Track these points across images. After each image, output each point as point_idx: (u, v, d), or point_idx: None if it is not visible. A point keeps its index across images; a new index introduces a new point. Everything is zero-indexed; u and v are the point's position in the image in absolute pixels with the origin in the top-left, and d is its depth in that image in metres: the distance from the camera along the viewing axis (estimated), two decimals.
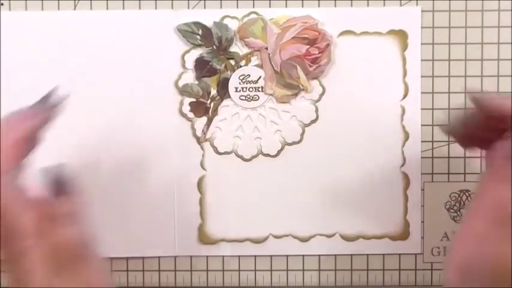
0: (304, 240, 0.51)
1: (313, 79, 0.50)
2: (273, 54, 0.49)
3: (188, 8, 0.50)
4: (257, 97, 0.50)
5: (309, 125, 0.50)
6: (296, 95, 0.50)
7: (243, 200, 0.51)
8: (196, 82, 0.50)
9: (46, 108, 0.38)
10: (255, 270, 0.51)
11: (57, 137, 0.49)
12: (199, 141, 0.50)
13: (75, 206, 0.37)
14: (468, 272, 0.34)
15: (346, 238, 0.51)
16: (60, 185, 0.36)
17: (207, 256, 0.51)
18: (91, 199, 0.50)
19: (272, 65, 0.49)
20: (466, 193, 0.51)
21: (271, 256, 0.51)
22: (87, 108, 0.50)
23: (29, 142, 0.36)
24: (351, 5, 0.50)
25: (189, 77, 0.50)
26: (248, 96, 0.50)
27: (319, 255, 0.51)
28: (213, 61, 0.50)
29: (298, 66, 0.49)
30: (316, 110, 0.50)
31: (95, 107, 0.50)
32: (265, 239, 0.51)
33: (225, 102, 0.50)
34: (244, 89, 0.50)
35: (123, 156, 0.50)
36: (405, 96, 0.50)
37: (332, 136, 0.50)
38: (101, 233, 0.49)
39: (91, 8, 0.50)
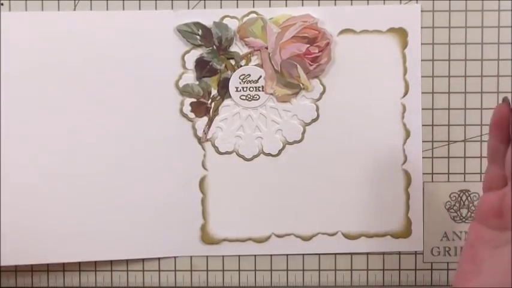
0: (306, 239, 0.51)
1: (313, 78, 0.50)
2: (273, 54, 0.49)
3: (188, 8, 0.50)
4: (258, 96, 0.50)
5: (309, 123, 0.50)
6: (297, 94, 0.50)
7: (244, 199, 0.50)
8: (197, 82, 0.50)
9: None
10: (255, 270, 0.51)
11: (56, 137, 0.50)
12: (200, 141, 0.50)
13: None
14: None
15: (348, 236, 0.51)
16: None
17: (207, 256, 0.51)
18: (91, 200, 0.50)
19: (272, 65, 0.49)
20: (466, 193, 0.51)
21: (271, 256, 0.51)
22: (87, 108, 0.50)
23: None
24: (351, 4, 0.50)
25: (190, 77, 0.50)
26: (249, 96, 0.50)
27: (320, 254, 0.51)
28: (213, 61, 0.50)
29: (298, 65, 0.49)
30: (317, 109, 0.50)
31: (95, 107, 0.50)
32: (267, 238, 0.51)
33: (226, 102, 0.50)
34: (245, 89, 0.50)
35: (124, 157, 0.50)
36: (406, 94, 0.50)
37: (333, 134, 0.50)
38: (103, 234, 0.50)
39: (91, 9, 0.50)
